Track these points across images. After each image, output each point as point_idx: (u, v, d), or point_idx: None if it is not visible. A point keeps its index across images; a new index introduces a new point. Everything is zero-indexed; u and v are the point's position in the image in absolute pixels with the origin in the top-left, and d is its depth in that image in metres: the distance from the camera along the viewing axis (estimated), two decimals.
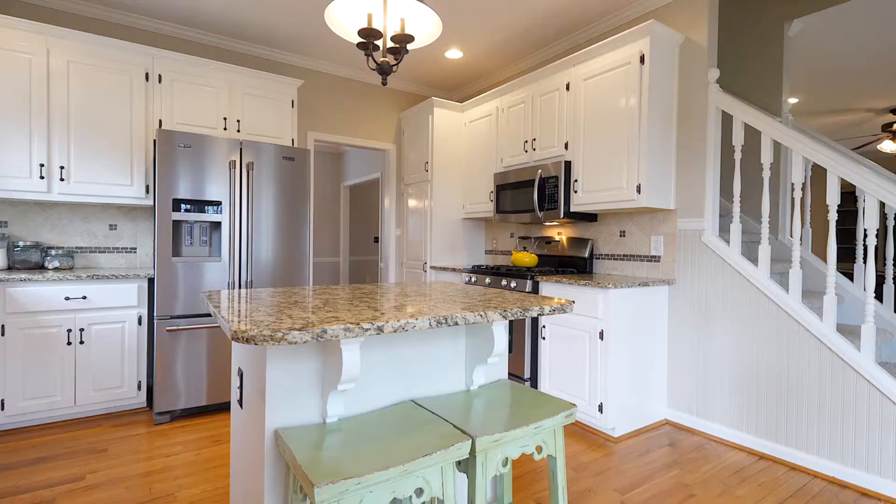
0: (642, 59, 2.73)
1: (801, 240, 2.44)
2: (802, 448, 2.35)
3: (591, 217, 3.35)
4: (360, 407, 1.41)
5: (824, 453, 2.28)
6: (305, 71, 4.18)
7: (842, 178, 3.31)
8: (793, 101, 5.42)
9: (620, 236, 3.24)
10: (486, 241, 4.51)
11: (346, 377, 1.20)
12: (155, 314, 2.79)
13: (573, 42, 3.60)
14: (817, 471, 2.29)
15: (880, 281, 5.91)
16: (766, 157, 2.54)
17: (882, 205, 3.53)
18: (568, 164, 3.19)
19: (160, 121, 3.19)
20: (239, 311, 1.26)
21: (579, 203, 3.12)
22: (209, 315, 2.93)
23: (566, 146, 3.23)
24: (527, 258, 3.47)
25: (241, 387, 1.55)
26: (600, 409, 2.65)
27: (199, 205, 2.92)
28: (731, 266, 2.63)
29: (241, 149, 3.03)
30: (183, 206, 2.87)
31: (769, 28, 3.37)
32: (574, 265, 3.45)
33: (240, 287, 3.03)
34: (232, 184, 2.98)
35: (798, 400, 2.37)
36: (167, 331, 2.80)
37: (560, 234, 3.69)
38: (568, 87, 3.21)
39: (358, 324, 1.09)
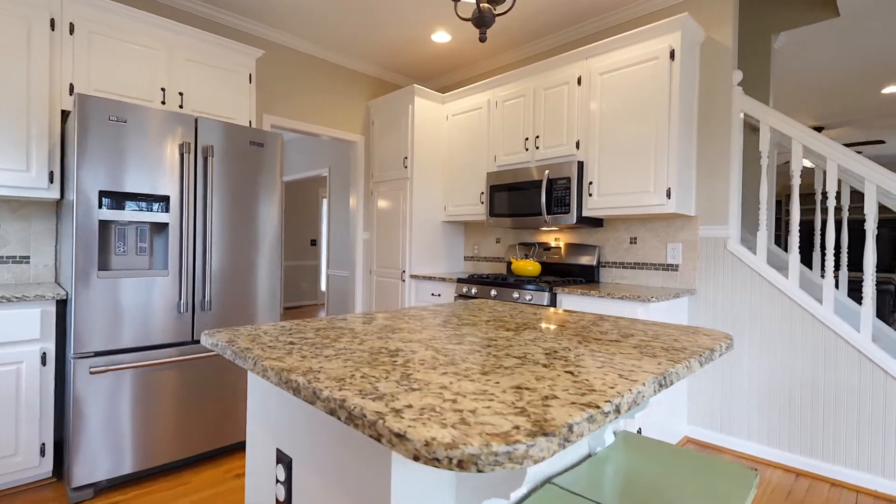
0: (672, 55, 2.55)
1: (838, 249, 2.40)
2: (841, 462, 2.30)
3: (596, 222, 3.13)
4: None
5: (864, 467, 2.23)
6: (261, 41, 3.48)
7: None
8: None
9: (631, 243, 3.05)
10: (466, 246, 4.13)
11: (529, 476, 0.75)
12: (71, 350, 2.01)
13: (580, 33, 3.35)
14: (860, 485, 2.24)
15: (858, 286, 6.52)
16: (797, 165, 2.48)
17: None
18: (581, 165, 2.92)
19: (71, 85, 2.36)
20: (351, 382, 0.75)
21: (594, 207, 2.87)
22: (150, 348, 2.20)
23: (577, 145, 2.96)
24: (530, 266, 3.15)
25: (287, 482, 1.01)
26: (639, 432, 2.39)
27: (137, 200, 2.18)
28: (761, 275, 2.53)
29: (196, 128, 2.33)
30: (113, 201, 2.12)
31: (758, 38, 3.41)
32: (580, 274, 3.20)
33: (194, 309, 2.33)
34: (185, 174, 2.27)
35: (836, 413, 2.31)
36: (91, 372, 2.03)
37: (558, 239, 3.43)
38: (579, 81, 2.95)
39: (598, 407, 0.65)
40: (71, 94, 2.36)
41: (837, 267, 5.16)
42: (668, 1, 2.89)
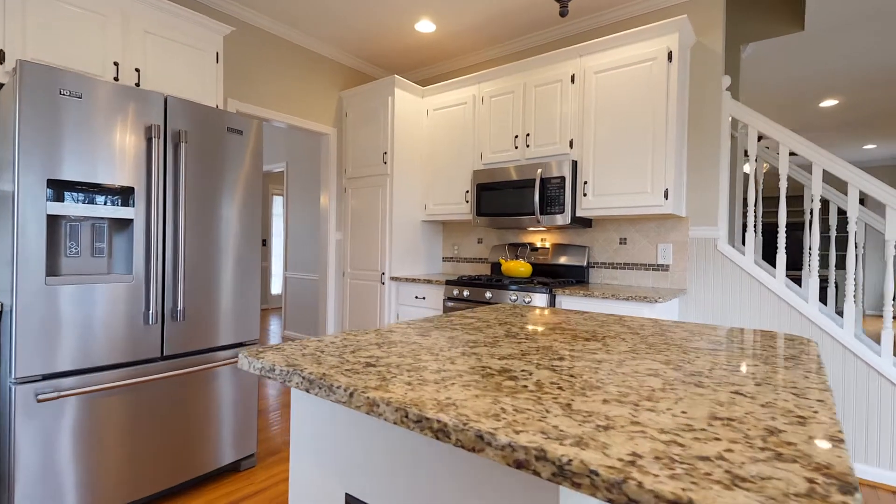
0: (670, 56, 2.57)
1: (809, 249, 2.53)
2: None
3: (586, 222, 3.11)
4: None
5: (850, 456, 2.36)
6: (227, 17, 3.12)
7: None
8: None
9: (621, 244, 3.06)
10: (445, 247, 3.98)
11: None
12: (11, 374, 1.64)
13: (568, 31, 3.32)
14: None
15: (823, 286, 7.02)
16: (784, 169, 2.58)
17: None
18: (574, 164, 2.88)
19: (2, 52, 1.95)
20: (515, 420, 0.58)
21: (589, 207, 2.84)
22: (110, 367, 1.86)
23: (570, 144, 2.92)
24: (521, 267, 3.07)
25: None
26: None
27: (94, 192, 1.83)
28: (750, 275, 2.61)
29: (165, 110, 2.00)
30: (64, 193, 1.76)
31: (729, 46, 3.57)
32: (569, 274, 3.16)
33: (164, 319, 2.00)
34: (154, 162, 1.94)
35: None
36: (38, 400, 1.67)
37: (544, 240, 3.38)
38: (573, 80, 2.91)
39: (841, 440, 0.55)
40: (2, 63, 1.94)
41: (793, 266, 5.61)
42: (660, 4, 2.92)
